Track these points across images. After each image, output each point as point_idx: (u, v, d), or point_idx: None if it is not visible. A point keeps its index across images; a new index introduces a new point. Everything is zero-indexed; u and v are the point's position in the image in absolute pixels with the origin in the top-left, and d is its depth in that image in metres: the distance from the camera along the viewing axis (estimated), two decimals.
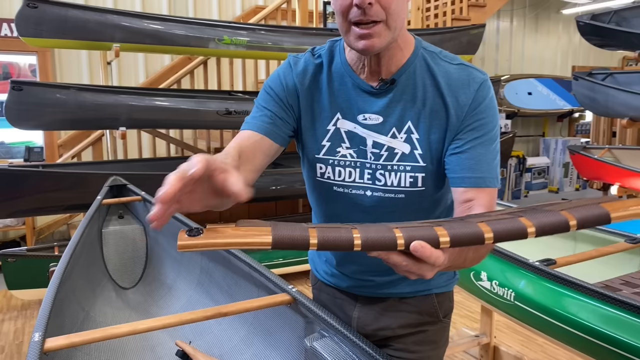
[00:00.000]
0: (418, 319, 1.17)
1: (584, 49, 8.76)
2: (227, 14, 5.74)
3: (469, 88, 0.97)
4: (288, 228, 0.64)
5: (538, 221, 0.63)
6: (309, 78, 1.05)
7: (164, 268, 2.18)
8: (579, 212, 0.63)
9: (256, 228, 0.63)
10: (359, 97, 1.02)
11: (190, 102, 3.62)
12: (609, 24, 4.40)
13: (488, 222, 0.64)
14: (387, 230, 0.64)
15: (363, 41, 0.91)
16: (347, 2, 0.89)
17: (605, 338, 1.52)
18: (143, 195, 2.23)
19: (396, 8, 0.90)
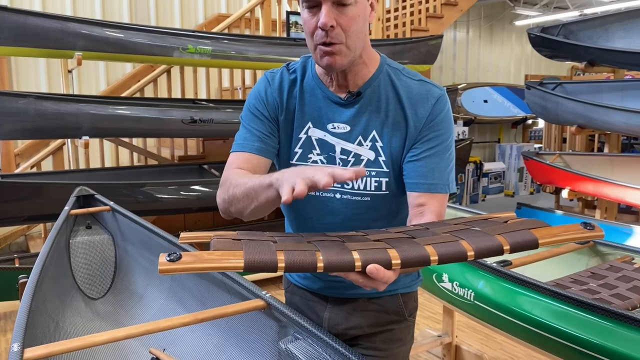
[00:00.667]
0: (385, 317, 1.25)
1: (535, 58, 9.15)
2: (189, 22, 5.74)
3: (427, 102, 1.08)
4: (259, 250, 0.71)
5: (477, 245, 0.72)
6: (285, 91, 1.14)
7: (134, 277, 2.19)
8: (512, 238, 0.73)
9: (230, 252, 0.69)
10: (329, 108, 1.12)
11: (154, 110, 3.61)
12: (558, 37, 4.64)
13: (434, 245, 0.73)
14: (346, 253, 0.72)
15: (326, 58, 1.02)
16: (312, 25, 1.00)
17: (557, 332, 1.64)
18: (112, 205, 2.24)
19: (355, 30, 1.01)
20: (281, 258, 0.69)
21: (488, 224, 0.82)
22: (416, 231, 0.84)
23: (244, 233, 0.79)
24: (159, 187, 3.62)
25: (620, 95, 4.50)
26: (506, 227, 0.78)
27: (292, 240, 0.79)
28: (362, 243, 0.77)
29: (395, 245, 0.74)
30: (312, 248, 0.73)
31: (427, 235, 0.80)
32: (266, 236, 0.80)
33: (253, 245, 0.72)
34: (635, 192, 3.84)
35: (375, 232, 0.87)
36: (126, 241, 2.23)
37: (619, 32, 4.48)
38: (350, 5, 0.98)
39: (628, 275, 1.88)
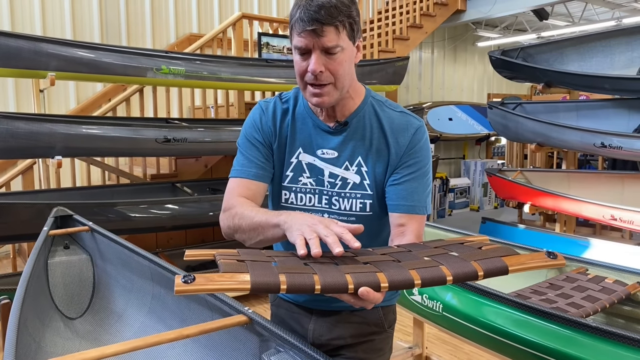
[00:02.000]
0: (366, 329, 1.35)
1: (497, 78, 9.52)
2: (160, 42, 5.79)
3: (407, 132, 1.20)
4: (263, 273, 0.80)
5: (455, 271, 0.84)
6: (278, 119, 1.26)
7: (113, 297, 2.22)
8: (485, 265, 0.85)
9: (238, 275, 0.79)
10: (318, 135, 1.24)
11: (128, 130, 3.64)
12: (517, 59, 4.89)
13: (418, 270, 0.84)
14: (341, 276, 0.82)
15: (315, 98, 1.15)
16: (303, 68, 1.12)
17: (519, 340, 1.76)
18: (90, 225, 2.27)
19: (342, 73, 1.13)
20: (283, 280, 0.79)
21: (464, 249, 0.93)
22: (400, 254, 0.94)
23: (245, 252, 0.88)
24: (132, 206, 3.63)
25: (576, 115, 4.77)
26: (481, 254, 0.89)
27: (291, 261, 0.87)
28: (353, 266, 0.86)
29: (384, 269, 0.84)
30: (310, 270, 0.82)
31: (410, 258, 0.90)
32: (265, 256, 0.89)
33: (257, 267, 0.81)
34: (590, 207, 4.07)
35: (363, 252, 0.97)
36: (105, 261, 2.27)
37: (573, 55, 4.76)
38: (337, 53, 1.09)
39: (582, 285, 2.02)
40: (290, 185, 1.25)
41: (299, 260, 0.88)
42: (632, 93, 4.23)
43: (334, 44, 1.08)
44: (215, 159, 4.76)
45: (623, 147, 3.94)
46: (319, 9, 1.05)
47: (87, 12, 5.30)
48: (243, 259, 0.85)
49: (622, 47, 4.47)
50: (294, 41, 1.11)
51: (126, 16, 5.54)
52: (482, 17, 6.91)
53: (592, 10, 7.68)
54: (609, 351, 1.55)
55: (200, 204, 3.91)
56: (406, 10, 6.50)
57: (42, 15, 5.03)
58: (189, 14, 6.00)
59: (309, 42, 1.08)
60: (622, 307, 2.02)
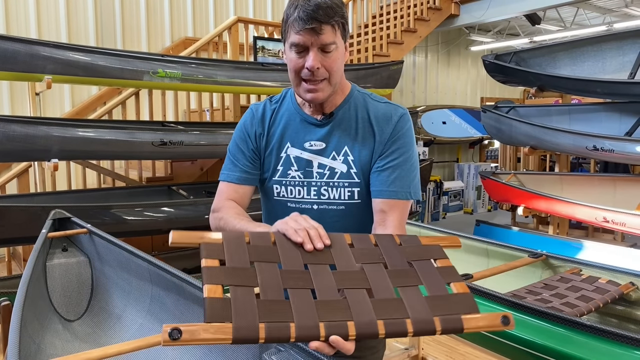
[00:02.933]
0: None
1: (490, 81, 9.59)
2: (156, 45, 5.80)
3: (391, 120, 1.26)
4: (245, 325, 0.82)
5: (416, 327, 0.88)
6: (267, 120, 1.32)
7: (112, 299, 2.23)
8: (445, 323, 0.89)
9: (221, 329, 0.81)
10: (306, 128, 1.30)
11: (124, 133, 3.64)
12: (510, 64, 4.94)
13: (385, 323, 0.88)
14: (315, 328, 0.86)
15: (310, 94, 1.20)
16: (299, 65, 1.18)
17: (515, 339, 1.79)
18: (89, 227, 2.28)
19: (336, 69, 1.21)
20: (262, 332, 0.83)
21: (427, 268, 0.99)
22: (374, 274, 0.97)
23: (229, 249, 0.94)
24: (128, 209, 3.64)
25: (568, 118, 4.82)
26: (446, 302, 0.92)
27: (274, 281, 0.91)
28: (329, 309, 0.89)
29: (355, 314, 0.89)
30: (288, 312, 0.86)
31: (381, 289, 0.94)
32: (249, 261, 0.93)
33: (240, 313, 0.83)
34: (583, 209, 4.12)
35: (341, 255, 1.00)
36: (103, 263, 2.28)
37: (565, 59, 4.82)
38: (332, 51, 1.17)
39: (576, 285, 2.05)
40: (281, 179, 1.30)
41: (279, 281, 0.91)
42: (624, 97, 4.29)
43: (331, 41, 1.15)
44: (211, 162, 4.78)
45: (615, 150, 3.99)
46: (317, 9, 1.12)
47: (82, 16, 5.31)
48: (227, 279, 0.89)
49: (613, 52, 4.53)
50: (292, 39, 1.17)
51: (121, 20, 5.55)
52: (475, 21, 6.97)
53: (583, 15, 7.77)
54: (603, 349, 1.58)
55: (196, 207, 3.92)
56: (400, 14, 6.55)
57: (37, 19, 5.03)
58: (184, 17, 6.02)
59: (307, 40, 1.14)
60: (615, 307, 2.06)
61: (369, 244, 1.03)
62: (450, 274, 0.98)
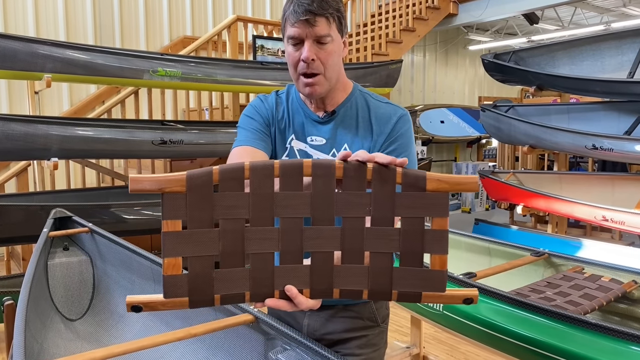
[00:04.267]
0: (360, 323, 1.38)
1: (488, 81, 9.62)
2: (154, 44, 5.78)
3: (390, 121, 1.27)
4: (199, 297, 0.85)
5: (371, 296, 0.88)
6: (274, 108, 1.34)
7: (114, 298, 2.22)
8: (402, 297, 0.88)
9: (177, 302, 0.84)
10: (309, 124, 1.32)
11: (124, 132, 3.63)
12: (509, 63, 4.95)
13: (341, 291, 0.88)
14: (269, 295, 0.87)
15: (308, 88, 1.22)
16: (296, 58, 1.20)
17: (519, 337, 1.79)
18: (90, 226, 2.27)
19: (332, 63, 1.21)
20: (217, 303, 0.85)
21: (414, 231, 0.87)
22: (350, 236, 0.89)
23: (192, 186, 0.83)
24: (128, 208, 3.63)
25: (567, 118, 4.83)
26: (414, 278, 0.87)
27: (235, 246, 0.86)
28: (287, 276, 0.88)
29: (313, 282, 0.88)
30: (245, 281, 0.86)
31: (353, 253, 0.88)
32: (213, 215, 0.85)
33: (196, 290, 0.84)
34: (582, 208, 4.13)
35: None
36: (105, 262, 2.27)
37: (564, 59, 4.83)
38: (328, 43, 1.18)
39: (579, 283, 2.06)
40: None
41: (240, 251, 0.86)
42: (623, 96, 4.30)
43: (325, 33, 1.16)
44: (210, 161, 4.77)
45: (614, 149, 4.00)
46: (311, 1, 1.14)
47: (80, 14, 5.29)
48: (185, 249, 0.84)
49: (612, 51, 4.54)
50: (288, 32, 1.19)
51: (120, 18, 5.54)
52: (473, 20, 6.98)
53: (581, 15, 7.79)
54: (608, 347, 1.59)
55: None
56: (399, 13, 6.55)
57: (36, 17, 5.01)
58: (182, 16, 6.00)
59: (302, 32, 1.16)
60: (618, 305, 2.06)
61: (361, 183, 0.86)
62: (436, 242, 0.86)
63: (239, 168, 0.83)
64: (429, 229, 0.85)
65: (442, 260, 0.85)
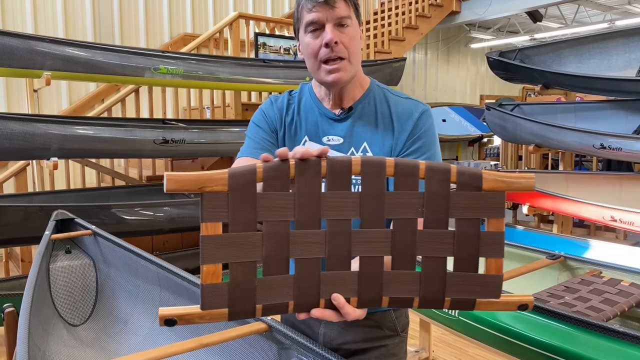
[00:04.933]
0: (379, 333, 1.31)
1: (490, 79, 9.56)
2: (154, 42, 5.71)
3: (412, 117, 1.20)
4: (241, 307, 0.79)
5: (423, 305, 0.83)
6: (285, 110, 1.27)
7: (118, 302, 2.15)
8: (455, 304, 0.84)
9: (217, 313, 0.78)
10: (324, 122, 1.24)
11: (125, 131, 3.56)
12: (515, 61, 4.89)
13: (391, 300, 0.83)
14: (314, 304, 0.82)
15: (332, 74, 1.13)
16: (317, 46, 1.13)
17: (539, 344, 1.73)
18: (93, 229, 2.20)
19: (355, 48, 1.15)
20: (258, 315, 0.80)
21: (469, 233, 0.82)
22: (401, 240, 0.83)
23: (235, 186, 0.77)
24: (129, 209, 3.56)
25: (574, 116, 4.77)
26: (469, 283, 0.83)
27: (279, 251, 0.81)
28: (334, 284, 0.83)
29: (361, 290, 0.83)
30: (289, 289, 0.81)
31: (404, 257, 0.83)
32: (256, 217, 0.79)
33: (237, 300, 0.78)
34: (590, 208, 4.07)
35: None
36: (109, 265, 2.20)
37: (571, 57, 4.76)
38: (349, 26, 1.12)
39: (598, 288, 2.00)
40: None
41: (285, 256, 0.80)
42: (630, 94, 4.24)
43: (346, 14, 1.11)
44: (212, 160, 4.70)
45: (623, 148, 3.94)
46: None
47: (79, 11, 5.20)
48: (227, 254, 0.78)
49: (619, 49, 4.48)
50: (306, 19, 1.12)
51: (119, 15, 5.46)
52: (476, 18, 6.92)
53: (584, 13, 7.74)
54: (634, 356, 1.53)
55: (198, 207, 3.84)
56: (402, 11, 6.49)
57: (34, 14, 4.92)
58: (183, 13, 5.93)
59: (322, 15, 1.10)
60: (637, 310, 2.01)
61: (413, 182, 0.81)
62: (493, 244, 0.81)
63: (284, 166, 0.78)
64: (485, 231, 0.81)
65: (498, 264, 0.82)
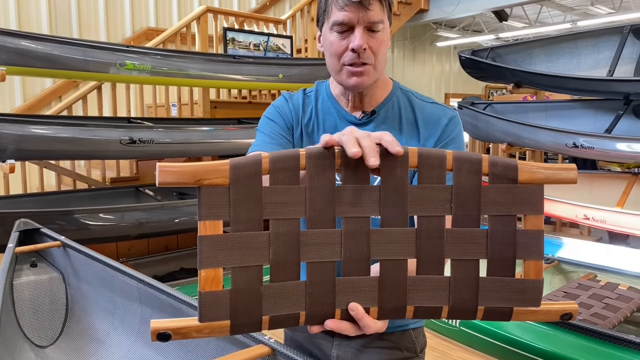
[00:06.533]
0: (398, 355, 1.20)
1: (454, 77, 9.66)
2: (116, 36, 5.43)
3: (439, 123, 1.11)
4: (245, 320, 0.69)
5: (452, 315, 0.73)
6: (300, 109, 1.17)
7: (92, 320, 1.97)
8: (489, 314, 0.73)
9: (217, 325, 0.68)
10: (344, 126, 1.13)
11: (89, 130, 3.33)
12: (487, 59, 4.90)
13: (416, 309, 0.72)
14: (329, 315, 0.71)
15: (355, 78, 1.05)
16: (342, 47, 1.03)
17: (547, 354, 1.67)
18: (62, 240, 2.01)
19: (383, 53, 1.06)
20: (265, 328, 0.70)
21: (505, 231, 0.72)
22: (427, 239, 0.73)
23: (237, 177, 0.68)
24: (93, 214, 3.34)
25: (545, 115, 4.83)
26: (505, 290, 0.73)
27: (289, 253, 0.71)
28: (351, 292, 0.73)
29: (382, 299, 0.73)
30: (300, 298, 0.71)
31: (431, 260, 0.73)
32: (262, 214, 0.69)
33: (240, 311, 0.69)
34: (563, 206, 4.11)
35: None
36: (80, 280, 2.01)
37: (541, 56, 4.81)
38: (380, 31, 1.03)
39: (597, 293, 1.97)
40: None
41: (295, 259, 0.70)
42: (601, 94, 4.31)
43: (379, 19, 1.02)
44: (180, 160, 4.49)
45: (595, 147, 3.99)
46: None
47: (33, 1, 4.88)
48: (228, 256, 0.67)
49: (588, 49, 4.55)
50: (335, 17, 1.02)
51: (77, 6, 5.15)
52: (444, 17, 6.93)
53: (547, 13, 7.89)
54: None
55: (167, 210, 3.66)
56: None
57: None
58: (145, 6, 5.66)
59: (354, 17, 1.00)
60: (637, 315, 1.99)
61: (440, 174, 0.72)
62: (532, 245, 0.71)
63: (294, 156, 0.69)
64: (522, 229, 0.71)
65: (538, 267, 0.72)
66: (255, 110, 4.96)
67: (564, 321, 0.76)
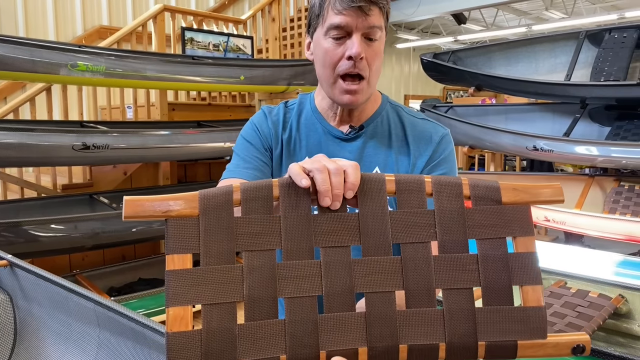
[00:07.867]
0: None
1: (413, 79, 9.75)
2: (65, 34, 5.16)
3: (431, 141, 1.06)
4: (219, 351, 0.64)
5: (451, 356, 0.67)
6: (280, 125, 1.10)
7: (44, 346, 1.81)
8: (492, 351, 0.67)
9: None
10: (330, 142, 1.08)
11: (38, 136, 3.12)
12: (448, 62, 4.93)
13: (409, 349, 0.66)
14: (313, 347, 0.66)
15: (348, 96, 0.99)
16: (338, 55, 0.96)
17: None
18: (9, 259, 1.84)
19: (378, 65, 1.01)
20: None
21: (496, 255, 0.69)
22: (414, 269, 0.68)
23: (207, 208, 0.65)
24: (43, 225, 3.14)
25: (505, 118, 4.90)
26: (505, 320, 0.67)
27: (265, 289, 0.66)
28: (336, 330, 0.67)
29: (371, 337, 0.67)
30: (279, 339, 0.65)
31: (420, 291, 0.68)
32: (234, 246, 0.66)
33: (212, 354, 0.63)
34: None
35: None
36: (31, 302, 1.85)
37: (500, 60, 4.89)
38: (377, 40, 0.98)
39: (569, 301, 1.97)
40: None
41: (272, 295, 0.65)
42: (559, 98, 4.41)
43: (379, 24, 0.97)
44: (135, 166, 4.30)
45: (554, 150, 4.07)
46: None
47: None
48: (199, 294, 0.63)
49: (545, 54, 4.65)
50: (331, 20, 0.95)
51: (23, 2, 4.86)
52: (404, 19, 6.96)
53: (502, 17, 8.06)
54: None
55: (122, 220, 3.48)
56: None
57: None
58: (97, 3, 5.41)
59: (352, 22, 0.94)
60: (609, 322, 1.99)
61: (420, 199, 0.69)
62: (526, 268, 0.68)
63: (266, 185, 0.67)
64: (514, 253, 0.68)
65: (537, 293, 0.68)
66: (216, 113, 4.82)
67: (575, 354, 0.70)
